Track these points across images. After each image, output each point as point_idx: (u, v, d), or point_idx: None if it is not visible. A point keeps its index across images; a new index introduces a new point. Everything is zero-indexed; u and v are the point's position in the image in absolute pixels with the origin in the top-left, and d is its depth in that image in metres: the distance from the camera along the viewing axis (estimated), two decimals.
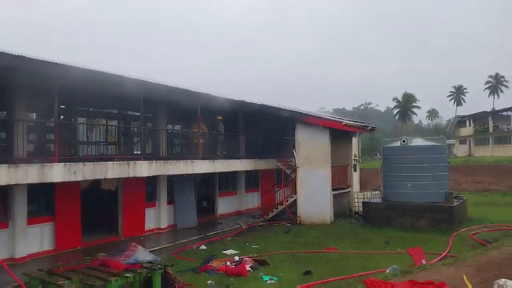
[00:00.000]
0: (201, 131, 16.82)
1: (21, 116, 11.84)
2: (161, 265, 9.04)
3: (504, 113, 59.35)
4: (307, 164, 18.24)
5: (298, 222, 17.81)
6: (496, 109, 66.12)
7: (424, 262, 9.45)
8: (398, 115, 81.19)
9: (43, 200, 12.77)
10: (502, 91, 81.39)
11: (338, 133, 18.90)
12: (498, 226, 15.35)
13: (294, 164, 18.76)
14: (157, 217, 16.40)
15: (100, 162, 12.10)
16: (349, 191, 20.20)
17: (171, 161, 14.79)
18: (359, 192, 21.49)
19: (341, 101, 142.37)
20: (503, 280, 4.96)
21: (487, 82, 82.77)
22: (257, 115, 19.27)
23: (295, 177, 18.55)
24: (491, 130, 59.91)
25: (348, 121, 19.64)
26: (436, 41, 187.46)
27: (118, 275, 8.18)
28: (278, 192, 19.71)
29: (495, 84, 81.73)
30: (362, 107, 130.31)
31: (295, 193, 18.41)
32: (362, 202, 18.44)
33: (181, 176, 16.78)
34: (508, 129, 56.92)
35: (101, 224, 15.44)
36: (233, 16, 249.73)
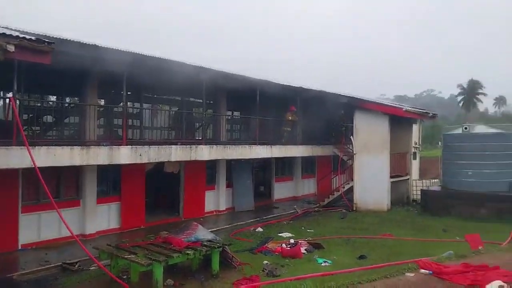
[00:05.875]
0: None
1: (92, 101, 12.81)
2: (220, 244, 9.49)
3: None
4: (365, 151, 17.94)
5: (354, 209, 17.68)
6: None
7: (481, 248, 9.09)
8: (462, 102, 76.38)
9: (111, 181, 13.69)
10: None
11: (398, 120, 18.31)
12: None
13: (351, 150, 18.55)
14: (216, 199, 17.02)
15: (164, 146, 12.79)
16: (408, 179, 19.57)
17: (230, 145, 15.25)
18: (418, 180, 20.73)
19: (403, 88, 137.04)
20: None
21: None
22: (315, 102, 19.15)
23: (352, 164, 18.34)
24: None
25: (409, 108, 18.92)
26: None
27: (180, 252, 8.74)
28: (335, 178, 19.62)
29: None
30: (425, 94, 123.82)
31: (352, 180, 18.24)
32: (421, 190, 17.92)
33: (239, 160, 17.22)
34: None
35: (163, 205, 16.34)
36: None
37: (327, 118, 20.26)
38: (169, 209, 15.99)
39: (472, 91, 74.83)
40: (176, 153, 12.89)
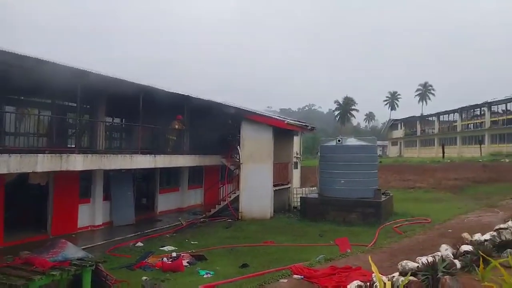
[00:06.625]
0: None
1: None
2: (92, 262, 8.66)
3: (430, 118, 65.25)
4: (250, 161, 18.43)
5: (239, 218, 17.95)
6: (423, 114, 72.14)
7: (348, 251, 10.01)
8: (338, 117, 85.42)
9: None
10: (429, 99, 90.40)
11: (281, 131, 19.30)
12: (418, 219, 16.49)
13: (238, 160, 18.87)
14: (92, 213, 15.69)
15: (29, 154, 11.24)
16: (289, 187, 20.69)
17: (108, 155, 14.17)
18: (298, 188, 22.07)
19: (288, 102, 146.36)
20: (405, 261, 5.64)
21: (417, 90, 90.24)
22: (204, 112, 19.09)
23: (239, 173, 18.65)
24: (418, 133, 65.48)
25: (290, 120, 20.12)
26: (378, 47, 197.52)
27: (43, 273, 7.72)
28: (222, 188, 19.71)
29: (424, 92, 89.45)
30: (307, 108, 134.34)
31: (238, 189, 18.51)
32: (300, 197, 19.03)
33: (119, 171, 16.16)
34: (432, 132, 62.26)
35: (27, 222, 14.38)
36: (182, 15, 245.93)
37: (215, 127, 20.41)
38: (35, 226, 14.18)
39: (346, 107, 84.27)
40: (43, 163, 11.41)
